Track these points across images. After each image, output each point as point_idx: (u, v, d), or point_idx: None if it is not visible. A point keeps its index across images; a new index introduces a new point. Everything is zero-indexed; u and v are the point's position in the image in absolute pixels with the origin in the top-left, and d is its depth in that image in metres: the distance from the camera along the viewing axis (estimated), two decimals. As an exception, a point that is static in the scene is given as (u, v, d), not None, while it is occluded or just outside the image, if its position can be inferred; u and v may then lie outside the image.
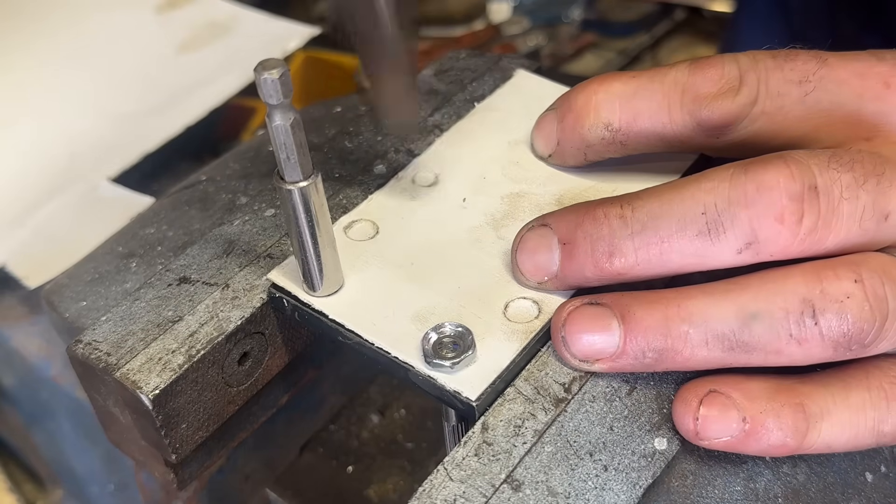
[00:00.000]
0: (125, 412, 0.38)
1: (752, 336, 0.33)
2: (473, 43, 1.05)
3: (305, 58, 1.00)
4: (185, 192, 0.51)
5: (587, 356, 0.35)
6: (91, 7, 0.97)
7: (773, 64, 0.38)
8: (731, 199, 0.33)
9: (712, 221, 0.34)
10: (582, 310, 0.36)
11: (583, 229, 0.36)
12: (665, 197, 0.35)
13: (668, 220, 0.34)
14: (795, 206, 0.33)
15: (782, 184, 0.33)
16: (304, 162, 0.34)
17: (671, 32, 1.24)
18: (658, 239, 0.34)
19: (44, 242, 0.72)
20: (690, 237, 0.34)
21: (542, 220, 0.38)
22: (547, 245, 0.37)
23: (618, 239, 0.35)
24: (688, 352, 0.34)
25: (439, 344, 0.36)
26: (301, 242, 0.37)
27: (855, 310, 0.33)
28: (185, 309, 0.39)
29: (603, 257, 0.35)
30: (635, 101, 0.39)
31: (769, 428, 0.33)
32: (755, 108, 0.38)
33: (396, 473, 0.51)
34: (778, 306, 0.33)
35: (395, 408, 0.54)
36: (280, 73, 0.31)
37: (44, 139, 0.82)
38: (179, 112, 0.82)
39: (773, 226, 0.33)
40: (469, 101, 0.48)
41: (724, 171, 0.34)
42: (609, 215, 0.35)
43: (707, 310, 0.34)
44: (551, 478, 0.33)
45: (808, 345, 0.33)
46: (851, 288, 0.33)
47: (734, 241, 0.34)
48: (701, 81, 0.38)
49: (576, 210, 0.37)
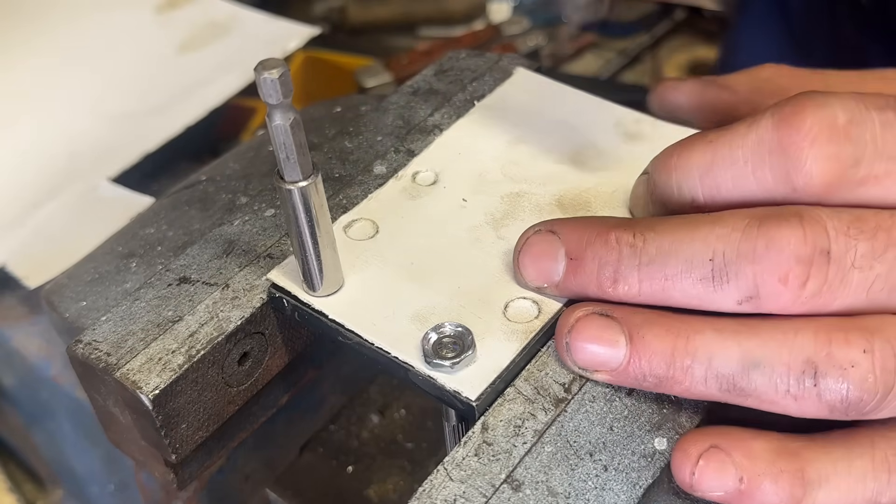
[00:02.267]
0: (125, 412, 0.38)
1: (750, 383, 0.33)
2: (473, 43, 1.05)
3: (305, 58, 1.00)
4: (185, 192, 0.51)
5: (588, 366, 0.35)
6: (91, 7, 0.97)
7: (882, 119, 0.33)
8: (740, 251, 0.33)
9: (718, 270, 0.33)
10: (591, 319, 0.35)
11: (592, 249, 0.35)
12: (678, 235, 0.34)
13: (676, 260, 0.34)
14: (801, 269, 0.32)
15: (792, 245, 0.32)
16: (304, 162, 0.34)
17: (671, 32, 1.24)
18: (663, 276, 0.34)
19: (44, 242, 0.72)
20: (694, 280, 0.34)
21: (551, 227, 0.37)
22: (553, 254, 0.37)
23: (625, 267, 0.35)
24: (687, 384, 0.34)
25: (439, 344, 0.36)
26: (301, 242, 0.37)
27: (857, 380, 0.32)
28: (185, 309, 0.39)
29: (607, 281, 0.35)
30: (714, 171, 0.35)
31: (765, 491, 0.33)
32: (861, 171, 0.33)
33: (396, 473, 0.51)
34: (781, 360, 0.33)
35: (395, 408, 0.54)
36: (280, 73, 0.31)
37: (44, 139, 0.82)
38: (179, 112, 0.82)
39: (776, 286, 0.32)
40: (469, 101, 0.48)
41: (740, 219, 0.33)
42: (621, 242, 0.35)
43: (713, 348, 0.34)
44: (551, 478, 0.33)
45: (803, 402, 0.33)
46: (858, 357, 0.32)
47: (735, 293, 0.33)
48: (789, 135, 0.33)
49: (588, 226, 0.36)
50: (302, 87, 0.99)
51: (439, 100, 0.48)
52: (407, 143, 0.46)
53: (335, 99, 0.58)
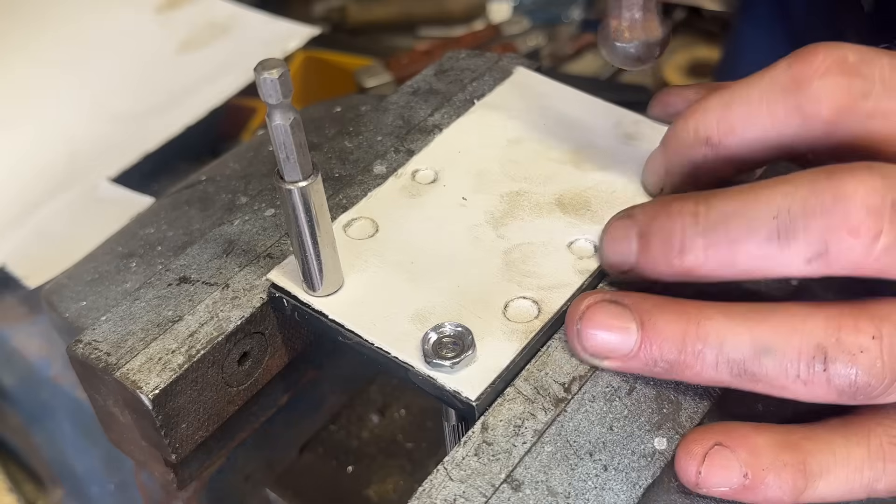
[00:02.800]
0: (125, 412, 0.38)
1: (761, 368, 0.33)
2: (473, 43, 1.05)
3: (305, 58, 1.00)
4: (185, 192, 0.51)
5: (598, 353, 0.35)
6: (91, 7, 0.97)
7: (892, 63, 0.34)
8: (807, 205, 0.32)
9: (783, 227, 0.32)
10: (602, 306, 0.36)
11: (658, 223, 0.36)
12: (740, 198, 0.34)
13: (739, 221, 0.33)
14: (874, 220, 0.31)
15: (861, 195, 0.31)
16: (304, 162, 0.34)
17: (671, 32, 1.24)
18: (728, 239, 0.34)
19: (44, 242, 0.72)
20: (759, 241, 0.33)
21: (629, 212, 0.38)
22: (626, 236, 0.37)
23: (689, 235, 0.34)
24: (697, 369, 0.34)
25: (439, 344, 0.36)
26: (301, 242, 0.37)
27: (866, 365, 0.32)
28: (185, 309, 0.39)
29: (674, 252, 0.35)
30: (731, 108, 0.37)
31: (769, 485, 0.33)
32: (868, 103, 0.34)
33: (396, 473, 0.51)
34: (792, 345, 0.33)
35: (395, 408, 0.54)
36: (280, 73, 0.31)
37: (44, 139, 0.82)
38: (179, 112, 0.82)
39: (846, 239, 0.31)
40: (469, 101, 0.48)
41: (808, 173, 0.33)
42: (683, 212, 0.35)
43: (724, 333, 0.34)
44: (551, 477, 0.33)
45: (813, 387, 0.33)
46: (868, 343, 0.32)
47: (804, 250, 0.32)
48: (801, 69, 0.35)
49: (655, 204, 0.37)
50: (302, 87, 0.99)
51: (439, 100, 0.48)
52: (407, 143, 0.46)
53: (335, 99, 0.58)
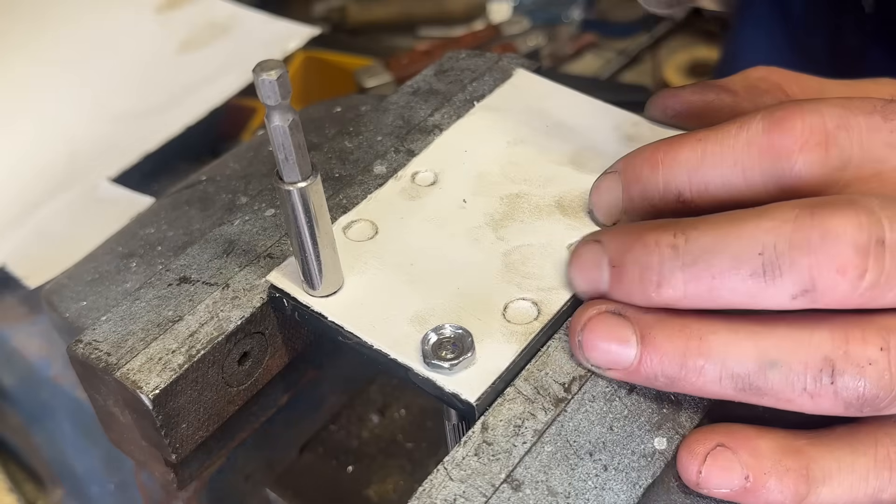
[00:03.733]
0: (125, 412, 0.38)
1: (767, 382, 0.33)
2: (473, 43, 1.05)
3: (305, 58, 1.01)
4: (185, 192, 0.51)
5: (601, 364, 0.35)
6: (91, 7, 0.97)
7: (870, 123, 0.34)
8: (793, 242, 0.32)
9: (769, 263, 0.32)
10: (602, 318, 0.35)
11: (632, 254, 0.35)
12: (722, 230, 0.33)
13: (723, 256, 0.33)
14: (860, 259, 0.31)
15: (850, 234, 0.31)
16: (303, 163, 0.34)
17: (671, 32, 1.24)
18: (710, 274, 0.33)
19: (44, 242, 0.72)
20: (744, 276, 0.32)
21: (597, 236, 0.37)
22: (597, 263, 0.36)
23: (667, 269, 0.34)
24: (700, 384, 0.34)
25: (439, 345, 0.36)
26: (300, 243, 0.37)
27: (874, 377, 0.32)
28: (186, 309, 0.39)
29: (651, 286, 0.34)
30: (703, 169, 0.36)
31: (770, 489, 0.33)
32: (847, 174, 0.34)
33: (396, 473, 0.51)
34: (799, 359, 0.32)
35: (395, 408, 0.54)
36: (278, 75, 0.31)
37: (44, 139, 0.82)
38: (179, 112, 0.82)
39: (834, 277, 0.31)
40: (469, 101, 0.48)
41: (789, 209, 0.32)
42: (660, 243, 0.34)
43: (727, 348, 0.33)
44: (551, 477, 0.33)
45: (820, 400, 0.33)
46: (876, 355, 0.32)
47: (790, 287, 0.32)
48: (779, 139, 0.34)
49: (628, 232, 0.36)
50: (302, 87, 0.99)
51: (439, 100, 0.48)
52: (407, 143, 0.46)
53: (335, 99, 0.58)
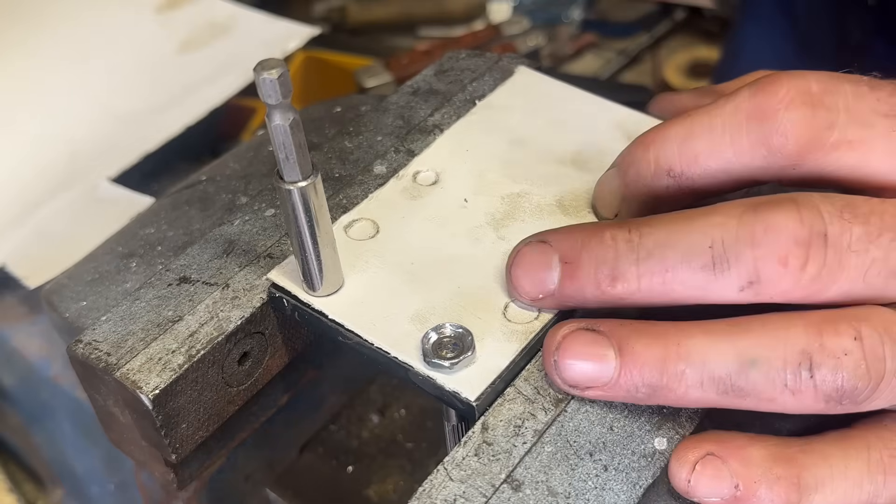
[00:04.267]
0: (125, 412, 0.38)
1: (748, 382, 0.33)
2: (473, 43, 1.05)
3: (305, 58, 1.00)
4: (185, 192, 0.51)
5: (578, 383, 0.35)
6: (91, 7, 0.97)
7: (855, 90, 0.35)
8: (739, 236, 0.33)
9: (718, 256, 0.33)
10: (578, 335, 0.35)
11: (588, 250, 0.35)
12: (674, 227, 0.34)
13: (675, 250, 0.34)
14: (801, 251, 0.32)
15: (790, 227, 0.32)
16: (304, 162, 0.34)
17: (671, 32, 1.24)
18: (663, 268, 0.34)
19: (44, 242, 0.72)
20: (695, 269, 0.33)
21: (541, 237, 0.37)
22: (546, 262, 0.36)
23: (622, 263, 0.34)
24: (682, 391, 0.34)
25: (439, 344, 0.36)
26: (301, 242, 0.37)
27: (850, 367, 0.32)
28: (185, 309, 0.39)
29: (605, 280, 0.35)
30: (693, 139, 0.36)
31: (760, 497, 0.33)
32: (833, 134, 0.35)
33: (396, 473, 0.51)
34: (778, 354, 0.33)
35: (395, 408, 0.54)
36: (279, 74, 0.31)
37: (44, 139, 0.82)
38: (179, 112, 0.82)
39: (776, 268, 0.33)
40: (469, 101, 0.48)
41: (735, 207, 0.34)
42: (616, 238, 0.35)
43: (706, 350, 0.33)
44: (551, 478, 0.33)
45: (801, 396, 0.33)
46: (850, 345, 0.32)
47: (737, 279, 0.33)
48: (765, 100, 0.35)
49: (581, 230, 0.36)
50: (302, 87, 0.99)
51: (439, 100, 0.48)
52: (407, 143, 0.46)
53: (335, 99, 0.58)
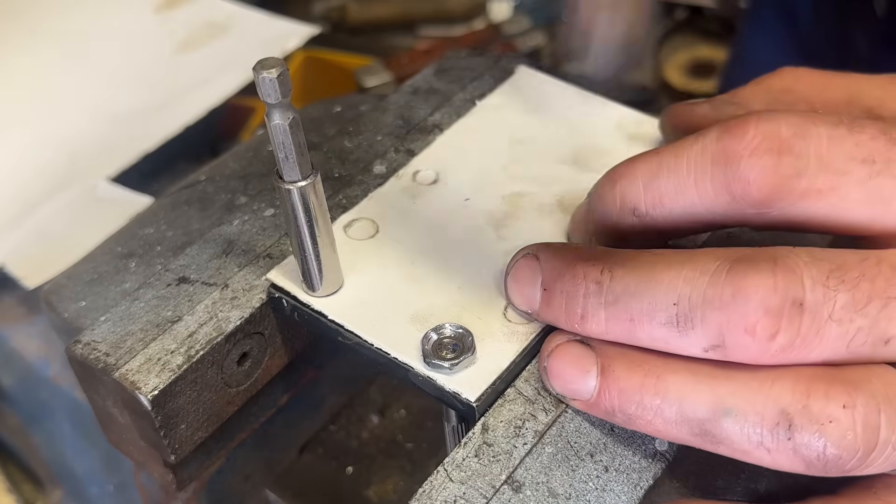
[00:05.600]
0: (124, 412, 0.38)
1: (722, 431, 0.31)
2: (473, 43, 1.05)
3: (305, 57, 1.00)
4: (184, 192, 0.51)
5: (564, 393, 0.35)
6: (90, 6, 0.97)
7: (832, 134, 0.33)
8: (706, 296, 0.31)
9: (682, 315, 0.31)
10: (569, 346, 0.35)
11: (561, 282, 0.35)
12: (644, 275, 0.33)
13: (640, 301, 0.32)
14: (771, 321, 0.30)
15: (760, 295, 0.30)
16: (303, 162, 0.34)
17: (671, 32, 1.24)
18: (627, 317, 0.33)
19: (43, 242, 0.72)
20: (658, 324, 0.32)
21: (536, 250, 0.36)
22: (532, 281, 0.36)
23: (591, 304, 0.33)
24: (658, 424, 0.33)
25: (439, 345, 0.36)
26: (300, 242, 0.36)
27: (835, 437, 0.30)
28: (185, 309, 0.39)
29: (575, 318, 0.34)
30: (658, 180, 0.35)
31: None
32: (801, 182, 0.33)
33: (396, 474, 0.51)
34: (754, 409, 0.31)
35: (395, 408, 0.54)
36: (279, 73, 0.31)
37: (43, 139, 0.82)
38: (179, 112, 0.82)
39: (742, 337, 0.30)
40: (469, 101, 0.48)
41: (710, 261, 0.32)
42: (587, 277, 0.34)
43: (684, 390, 0.32)
44: (552, 479, 0.33)
45: (777, 455, 0.31)
46: (838, 413, 0.30)
47: (702, 340, 0.31)
48: (730, 143, 0.33)
49: (562, 256, 0.35)
50: (302, 86, 0.99)
51: (439, 99, 0.48)
52: (407, 142, 0.46)
53: (335, 98, 0.58)
